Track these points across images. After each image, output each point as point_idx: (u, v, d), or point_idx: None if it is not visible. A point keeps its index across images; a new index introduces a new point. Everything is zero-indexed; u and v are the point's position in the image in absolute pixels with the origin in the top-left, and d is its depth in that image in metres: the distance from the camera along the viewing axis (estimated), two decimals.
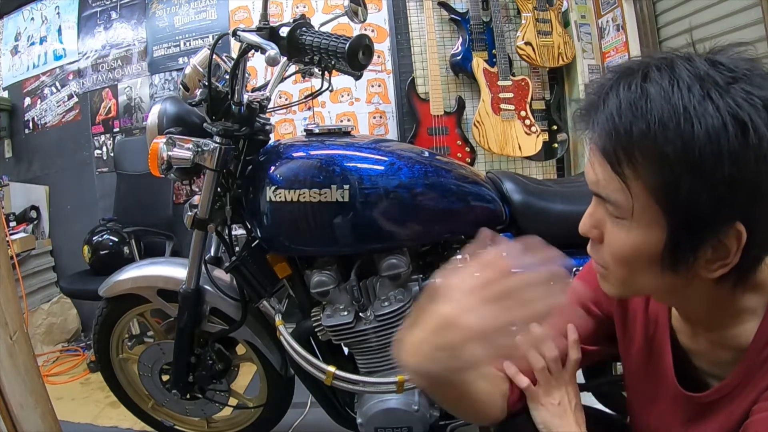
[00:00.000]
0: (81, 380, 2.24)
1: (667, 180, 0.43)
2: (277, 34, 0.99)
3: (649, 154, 0.43)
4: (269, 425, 1.45)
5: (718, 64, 0.44)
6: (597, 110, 0.47)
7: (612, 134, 0.45)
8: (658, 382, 0.61)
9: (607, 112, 0.46)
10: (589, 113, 0.49)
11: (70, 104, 2.83)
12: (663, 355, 0.60)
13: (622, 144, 0.45)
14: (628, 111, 0.44)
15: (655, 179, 0.44)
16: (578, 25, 2.49)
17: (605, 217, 0.51)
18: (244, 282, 1.17)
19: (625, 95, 0.45)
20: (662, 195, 0.44)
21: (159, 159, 1.03)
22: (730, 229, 0.43)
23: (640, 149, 0.44)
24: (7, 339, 0.91)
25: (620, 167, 0.46)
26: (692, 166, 0.41)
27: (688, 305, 0.55)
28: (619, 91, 0.46)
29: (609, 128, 0.45)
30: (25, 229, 2.55)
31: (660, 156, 0.43)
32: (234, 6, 2.58)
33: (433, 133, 2.43)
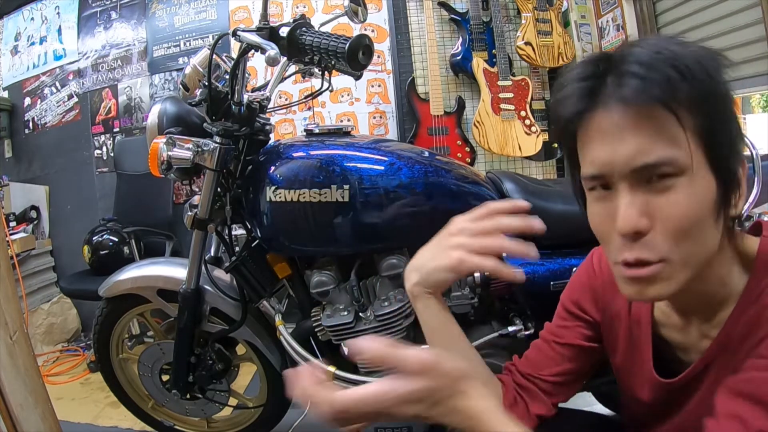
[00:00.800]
0: (81, 380, 2.24)
1: (702, 118, 0.45)
2: (277, 34, 0.99)
3: (690, 98, 0.45)
4: (269, 425, 1.45)
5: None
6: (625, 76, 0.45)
7: (663, 86, 0.44)
8: (641, 375, 0.63)
9: (643, 73, 0.44)
10: (595, 89, 0.47)
11: (70, 104, 2.83)
12: (644, 349, 0.62)
13: (673, 93, 0.44)
14: (668, 66, 0.44)
15: (694, 120, 0.45)
16: (578, 25, 2.49)
17: (650, 197, 0.46)
18: (244, 282, 1.17)
19: (652, 57, 0.45)
20: (703, 134, 0.45)
21: (159, 159, 1.03)
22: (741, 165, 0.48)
23: (684, 93, 0.44)
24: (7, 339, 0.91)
25: (677, 113, 0.44)
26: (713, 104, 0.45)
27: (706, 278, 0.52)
28: (633, 52, 0.46)
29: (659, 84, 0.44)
30: (25, 229, 2.55)
31: (697, 98, 0.45)
32: (234, 6, 2.58)
33: (433, 133, 2.43)
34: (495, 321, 1.21)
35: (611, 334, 0.68)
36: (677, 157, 0.45)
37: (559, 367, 0.70)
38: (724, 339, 0.53)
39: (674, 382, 0.58)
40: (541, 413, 0.69)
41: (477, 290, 1.15)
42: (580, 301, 0.71)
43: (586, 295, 0.70)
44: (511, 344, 1.12)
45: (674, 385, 0.59)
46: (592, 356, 0.71)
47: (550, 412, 0.70)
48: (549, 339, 0.73)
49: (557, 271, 1.09)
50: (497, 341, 1.11)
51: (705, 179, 0.47)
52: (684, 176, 0.46)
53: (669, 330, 0.61)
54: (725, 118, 0.46)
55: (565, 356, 0.71)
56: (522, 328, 1.12)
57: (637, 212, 0.46)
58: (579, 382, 0.73)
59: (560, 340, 0.71)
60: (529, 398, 0.70)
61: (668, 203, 0.46)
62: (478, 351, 1.10)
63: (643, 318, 0.63)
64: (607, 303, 0.68)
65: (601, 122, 0.47)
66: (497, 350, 1.11)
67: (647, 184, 0.47)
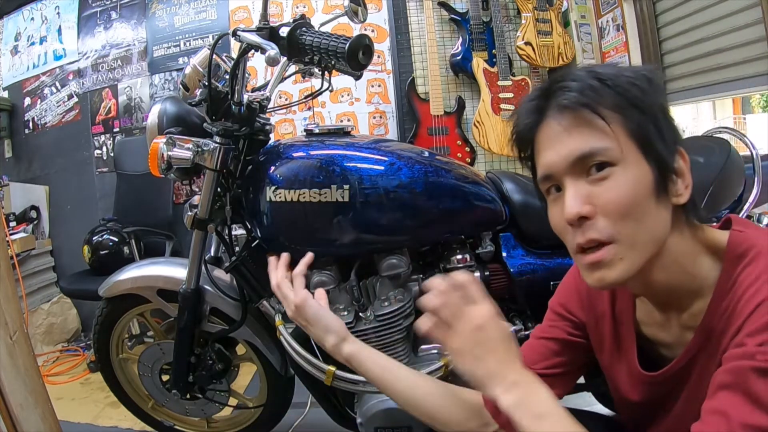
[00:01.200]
0: (81, 380, 2.24)
1: (630, 117, 0.53)
2: (277, 34, 0.99)
3: (614, 102, 0.54)
4: (269, 425, 1.45)
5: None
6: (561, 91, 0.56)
7: (588, 93, 0.54)
8: (628, 372, 0.66)
9: (574, 86, 0.54)
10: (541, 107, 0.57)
11: (70, 104, 2.83)
12: (628, 347, 0.66)
13: (597, 98, 0.54)
14: (593, 78, 0.54)
15: (622, 120, 0.53)
16: (578, 25, 2.49)
17: (591, 187, 0.54)
18: (244, 282, 1.17)
19: (582, 74, 0.55)
20: (633, 130, 0.53)
21: (159, 159, 1.03)
22: (677, 153, 0.56)
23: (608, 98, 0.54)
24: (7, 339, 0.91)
25: (599, 112, 0.53)
26: (636, 105, 0.54)
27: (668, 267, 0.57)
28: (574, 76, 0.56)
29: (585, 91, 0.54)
30: (25, 229, 2.55)
31: (621, 102, 0.54)
32: (234, 6, 2.58)
33: (433, 133, 2.43)
34: None
35: (598, 335, 0.71)
36: (608, 148, 0.53)
37: (548, 361, 0.73)
38: (704, 331, 0.56)
39: (658, 375, 0.61)
40: None
41: None
42: (567, 304, 0.74)
43: (572, 298, 0.74)
44: None
45: (658, 378, 0.61)
46: (581, 351, 0.73)
47: None
48: (538, 336, 0.76)
49: (557, 271, 1.10)
50: None
51: (639, 167, 0.53)
52: (618, 166, 0.53)
53: (651, 328, 0.65)
54: (654, 119, 0.54)
55: (554, 350, 0.74)
56: (522, 328, 1.12)
57: (580, 201, 0.54)
58: (570, 378, 0.75)
59: (548, 336, 0.74)
60: None
61: (606, 189, 0.53)
62: None
63: (626, 317, 0.67)
64: (593, 305, 0.71)
65: (546, 132, 0.57)
66: None
67: (587, 176, 0.54)
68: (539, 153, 0.59)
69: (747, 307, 0.50)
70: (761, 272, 0.51)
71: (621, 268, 0.53)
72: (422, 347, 1.13)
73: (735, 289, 0.53)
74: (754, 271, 0.52)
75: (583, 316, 0.72)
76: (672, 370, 0.60)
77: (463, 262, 1.13)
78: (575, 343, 0.73)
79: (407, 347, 1.13)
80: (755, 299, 0.50)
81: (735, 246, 0.55)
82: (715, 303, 0.55)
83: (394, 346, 1.10)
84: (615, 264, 0.53)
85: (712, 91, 2.00)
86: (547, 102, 0.57)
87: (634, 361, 0.65)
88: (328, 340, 0.79)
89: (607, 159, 0.53)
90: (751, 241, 0.55)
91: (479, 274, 1.14)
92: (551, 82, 0.58)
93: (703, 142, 1.21)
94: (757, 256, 0.53)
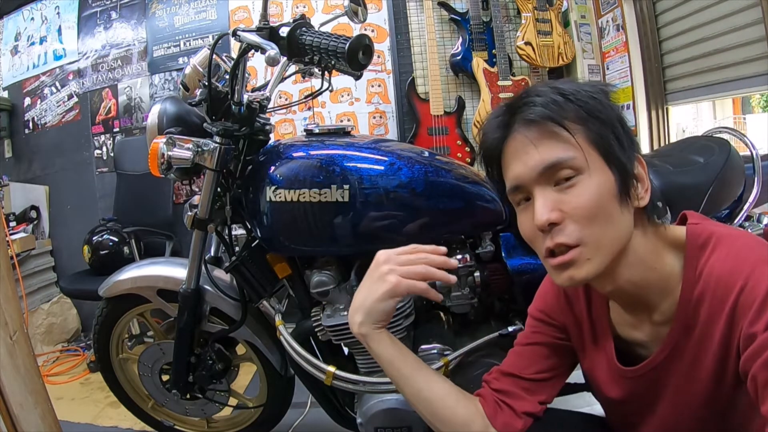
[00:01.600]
0: (81, 380, 2.24)
1: (590, 129, 0.57)
2: (277, 34, 0.99)
3: (576, 115, 0.57)
4: (269, 425, 1.45)
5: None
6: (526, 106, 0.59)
7: (552, 107, 0.57)
8: (608, 371, 0.68)
9: (539, 101, 0.58)
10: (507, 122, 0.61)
11: (70, 104, 2.83)
12: (606, 346, 0.69)
13: (559, 112, 0.57)
14: (555, 94, 0.58)
15: (584, 131, 0.57)
16: (578, 25, 2.49)
17: (559, 195, 0.57)
18: (244, 282, 1.17)
19: (545, 90, 0.59)
20: (594, 140, 0.57)
21: (159, 159, 1.03)
22: (636, 160, 0.59)
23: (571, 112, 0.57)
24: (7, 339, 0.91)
25: (563, 124, 0.57)
26: (597, 117, 0.57)
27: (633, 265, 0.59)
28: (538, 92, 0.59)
29: (549, 105, 0.57)
30: (25, 229, 2.55)
31: (582, 114, 0.57)
32: (234, 6, 2.58)
33: (433, 133, 2.43)
34: (495, 321, 1.21)
35: (578, 338, 0.73)
36: (573, 157, 0.56)
37: (537, 365, 0.75)
38: (680, 322, 0.58)
39: (637, 369, 0.64)
40: (529, 410, 0.72)
41: (477, 290, 1.15)
42: (546, 310, 0.76)
43: (551, 303, 0.76)
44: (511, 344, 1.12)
45: (638, 372, 0.64)
46: (568, 352, 0.75)
47: (538, 409, 0.72)
48: (524, 343, 0.77)
49: None
50: (497, 341, 1.11)
51: (603, 174, 0.57)
52: (583, 174, 0.57)
53: (626, 329, 0.67)
54: (612, 128, 0.58)
55: (542, 354, 0.75)
56: (522, 327, 1.12)
57: (549, 208, 0.57)
58: (559, 380, 0.76)
59: (534, 341, 0.76)
60: (513, 400, 0.72)
61: (573, 197, 0.56)
62: (478, 351, 1.12)
63: (602, 318, 0.69)
64: (571, 308, 0.73)
65: (513, 145, 0.60)
66: (497, 350, 1.11)
67: (555, 186, 0.58)
68: (507, 166, 0.62)
69: (729, 293, 0.52)
70: (727, 256, 0.54)
71: (588, 268, 0.57)
72: (422, 347, 1.13)
73: (705, 278, 0.55)
74: (720, 256, 0.55)
75: (563, 320, 0.74)
76: (652, 364, 0.62)
77: (463, 261, 1.13)
78: (561, 345, 0.75)
79: (407, 347, 1.13)
80: (735, 284, 0.52)
81: (694, 237, 0.58)
82: (685, 294, 0.57)
83: None
84: (583, 264, 0.57)
85: (712, 91, 2.00)
86: (513, 117, 0.60)
87: (612, 357, 0.67)
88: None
89: (573, 168, 0.56)
90: (708, 230, 0.58)
91: (479, 274, 1.14)
92: (515, 99, 0.62)
93: (703, 142, 1.21)
94: (718, 242, 0.56)
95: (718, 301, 0.53)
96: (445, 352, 1.11)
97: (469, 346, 1.10)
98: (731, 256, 0.54)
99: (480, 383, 0.79)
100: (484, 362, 1.10)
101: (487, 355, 1.12)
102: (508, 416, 0.71)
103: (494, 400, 0.73)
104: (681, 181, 1.07)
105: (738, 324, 0.51)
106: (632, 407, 0.67)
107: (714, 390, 0.56)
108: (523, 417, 0.71)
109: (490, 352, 1.12)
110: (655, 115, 2.25)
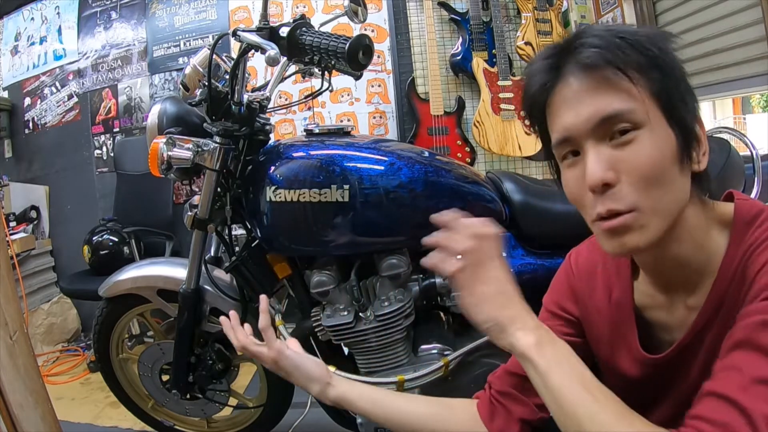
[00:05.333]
0: (81, 380, 2.24)
1: (653, 81, 0.51)
2: (277, 34, 0.99)
3: (638, 62, 0.51)
4: (269, 425, 1.45)
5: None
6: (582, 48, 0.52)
7: (615, 51, 0.50)
8: (628, 357, 0.65)
9: (597, 42, 0.51)
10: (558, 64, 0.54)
11: (70, 104, 2.83)
12: (628, 332, 0.64)
13: (622, 57, 0.50)
14: (613, 36, 0.51)
15: (646, 82, 0.51)
16: (578, 25, 2.49)
17: (615, 152, 0.51)
18: (244, 282, 1.17)
19: (603, 32, 0.52)
20: (657, 94, 0.51)
21: (159, 159, 1.03)
22: (696, 120, 0.54)
23: (633, 58, 0.51)
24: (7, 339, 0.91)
25: (625, 71, 0.50)
26: (660, 67, 0.51)
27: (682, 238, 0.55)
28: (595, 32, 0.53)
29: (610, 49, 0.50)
30: (25, 229, 2.55)
31: (645, 63, 0.51)
32: (234, 6, 2.58)
33: (433, 133, 2.43)
34: None
35: (593, 329, 0.70)
36: (633, 110, 0.50)
37: None
38: (710, 308, 0.54)
39: (661, 358, 0.60)
40: (524, 417, 0.69)
41: None
42: (560, 301, 0.73)
43: (566, 295, 0.73)
44: None
45: (661, 360, 0.60)
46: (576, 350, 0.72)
47: (534, 415, 0.69)
48: None
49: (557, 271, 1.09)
50: None
51: (664, 132, 0.51)
52: (643, 129, 0.51)
53: (654, 311, 0.63)
54: (675, 82, 0.52)
55: None
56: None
57: (603, 166, 0.51)
58: None
59: None
60: (509, 402, 0.70)
61: (631, 155, 0.50)
62: (478, 351, 1.12)
63: (624, 302, 0.65)
64: (587, 299, 0.70)
65: (563, 92, 0.54)
66: (497, 350, 1.11)
67: (610, 141, 0.51)
68: (555, 115, 0.55)
69: (754, 267, 0.49)
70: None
71: (642, 235, 0.51)
72: (422, 347, 1.13)
73: (744, 254, 0.51)
74: (764, 232, 0.51)
75: (577, 311, 0.71)
76: (677, 350, 0.58)
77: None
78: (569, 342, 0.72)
79: (407, 347, 1.13)
80: (761, 258, 0.49)
81: (743, 213, 0.54)
82: (724, 269, 0.53)
83: (394, 346, 1.11)
84: (636, 230, 0.51)
85: (712, 91, 2.00)
86: (566, 59, 0.53)
87: (635, 343, 0.63)
88: (312, 389, 0.78)
89: (633, 122, 0.50)
90: (758, 206, 0.54)
91: None
92: (569, 39, 0.55)
93: None
94: (767, 219, 0.52)
95: (746, 278, 0.50)
96: (445, 352, 1.11)
97: (469, 346, 1.10)
98: None
99: (480, 383, 0.78)
100: (484, 362, 1.10)
101: (487, 355, 1.12)
102: (505, 421, 0.69)
103: (491, 403, 0.72)
104: None
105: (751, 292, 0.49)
106: (651, 392, 0.64)
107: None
108: (517, 424, 0.69)
109: (490, 352, 1.12)
110: None
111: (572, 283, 0.72)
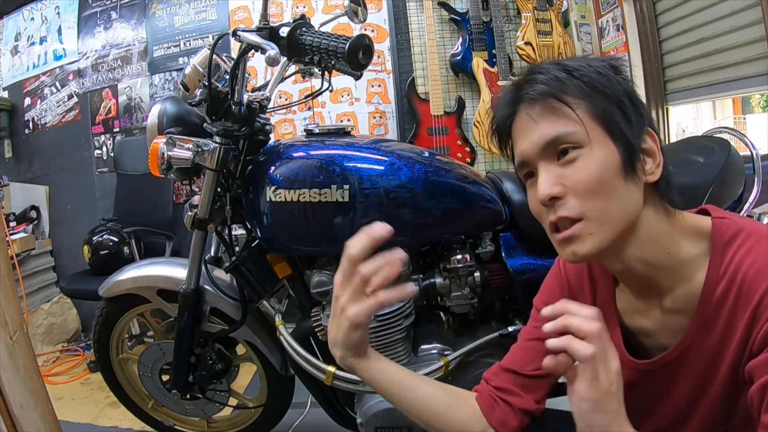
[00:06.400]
0: (81, 380, 2.24)
1: (594, 103, 0.57)
2: (277, 34, 0.99)
3: (579, 90, 0.57)
4: (269, 425, 1.45)
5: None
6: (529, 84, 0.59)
7: (553, 84, 0.58)
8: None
9: (541, 78, 0.58)
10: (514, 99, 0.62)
11: (70, 104, 2.83)
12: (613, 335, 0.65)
13: (562, 88, 0.57)
14: (559, 70, 0.58)
15: (588, 104, 0.57)
16: (578, 25, 2.49)
17: (562, 170, 0.57)
18: (244, 282, 1.17)
19: (549, 67, 0.59)
20: (598, 115, 0.57)
21: (159, 159, 1.03)
22: (645, 134, 0.58)
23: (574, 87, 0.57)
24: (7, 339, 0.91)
25: (563, 99, 0.57)
26: (601, 91, 0.57)
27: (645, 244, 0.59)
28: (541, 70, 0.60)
29: (550, 82, 0.58)
30: (25, 229, 2.55)
31: (585, 89, 0.57)
32: (234, 6, 2.58)
33: (433, 133, 2.43)
34: (495, 321, 1.21)
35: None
36: (574, 132, 0.56)
37: (537, 361, 0.71)
38: (701, 319, 0.57)
39: (646, 364, 0.63)
40: (525, 407, 0.71)
41: (477, 290, 1.15)
42: (550, 302, 0.73)
43: (555, 296, 0.74)
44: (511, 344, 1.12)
45: (647, 367, 0.63)
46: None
47: (534, 406, 0.72)
48: (526, 339, 0.77)
49: None
50: (497, 341, 1.11)
51: (606, 149, 0.57)
52: (585, 148, 0.57)
53: (633, 316, 0.66)
54: (619, 103, 0.57)
55: (541, 350, 0.72)
56: (522, 327, 1.12)
57: (552, 182, 0.57)
58: (555, 376, 0.74)
59: (536, 337, 0.74)
60: (509, 396, 0.72)
61: (575, 171, 0.57)
62: (478, 351, 1.12)
63: (608, 307, 0.68)
64: (575, 299, 0.70)
65: (519, 123, 0.62)
66: (497, 350, 1.11)
67: (558, 160, 0.58)
68: (514, 142, 0.63)
69: (755, 292, 0.51)
70: (756, 254, 0.53)
71: (591, 242, 0.56)
72: (422, 347, 1.13)
73: (731, 275, 0.54)
74: (750, 253, 0.54)
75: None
76: (667, 359, 0.61)
77: (463, 262, 1.13)
78: None
79: (407, 347, 1.13)
80: (762, 282, 0.51)
81: (721, 232, 0.57)
82: (708, 290, 0.56)
83: (394, 346, 1.11)
84: (585, 238, 0.57)
85: (712, 91, 2.00)
86: (519, 95, 0.61)
87: (620, 348, 0.65)
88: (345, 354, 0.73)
89: (574, 142, 0.56)
90: (737, 225, 0.57)
91: (479, 274, 1.14)
92: (522, 77, 0.63)
93: (703, 142, 1.21)
94: (747, 238, 0.55)
95: (744, 300, 0.52)
96: (445, 352, 1.11)
97: (469, 346, 1.10)
98: (761, 255, 0.53)
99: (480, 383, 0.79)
100: (484, 362, 1.10)
101: (487, 355, 1.12)
102: (505, 413, 0.71)
103: (490, 396, 0.73)
104: (681, 181, 1.07)
105: (759, 322, 0.50)
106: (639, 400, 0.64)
107: (725, 389, 0.56)
108: (520, 414, 0.71)
109: (490, 352, 1.12)
110: (655, 115, 2.25)
111: (561, 284, 0.75)
